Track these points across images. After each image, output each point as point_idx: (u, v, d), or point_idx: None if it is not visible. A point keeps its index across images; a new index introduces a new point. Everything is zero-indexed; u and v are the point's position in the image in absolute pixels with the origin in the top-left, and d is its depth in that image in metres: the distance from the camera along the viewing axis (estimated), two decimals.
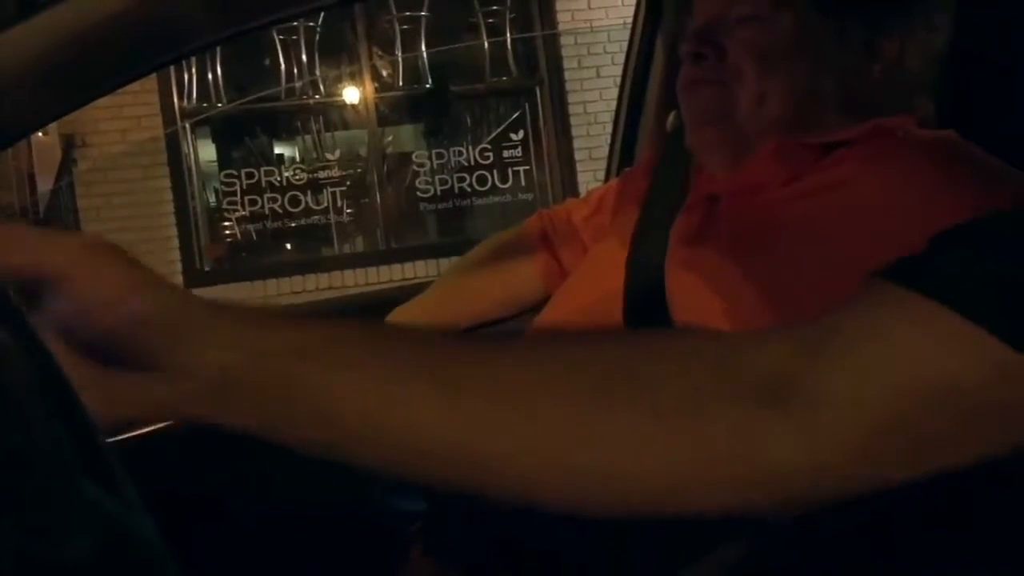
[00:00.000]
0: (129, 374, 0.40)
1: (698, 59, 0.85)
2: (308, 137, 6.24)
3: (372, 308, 1.18)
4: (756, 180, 0.82)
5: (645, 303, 0.82)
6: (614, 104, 1.74)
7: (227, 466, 1.38)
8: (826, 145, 0.80)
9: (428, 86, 6.23)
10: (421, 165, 6.23)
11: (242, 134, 6.16)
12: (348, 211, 6.15)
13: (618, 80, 1.73)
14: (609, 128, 1.76)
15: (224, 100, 5.99)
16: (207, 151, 6.21)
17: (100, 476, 0.22)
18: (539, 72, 6.27)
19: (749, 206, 0.81)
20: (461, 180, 6.21)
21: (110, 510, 0.21)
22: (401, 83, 6.23)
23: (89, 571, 0.20)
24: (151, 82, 5.54)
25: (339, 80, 6.21)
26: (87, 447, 0.23)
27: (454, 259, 1.28)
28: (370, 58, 6.13)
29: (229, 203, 6.07)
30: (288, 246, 6.22)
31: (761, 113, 0.82)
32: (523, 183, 6.27)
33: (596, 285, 0.89)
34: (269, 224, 6.08)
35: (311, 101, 6.19)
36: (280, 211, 6.06)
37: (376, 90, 6.17)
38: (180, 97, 5.91)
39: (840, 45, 0.82)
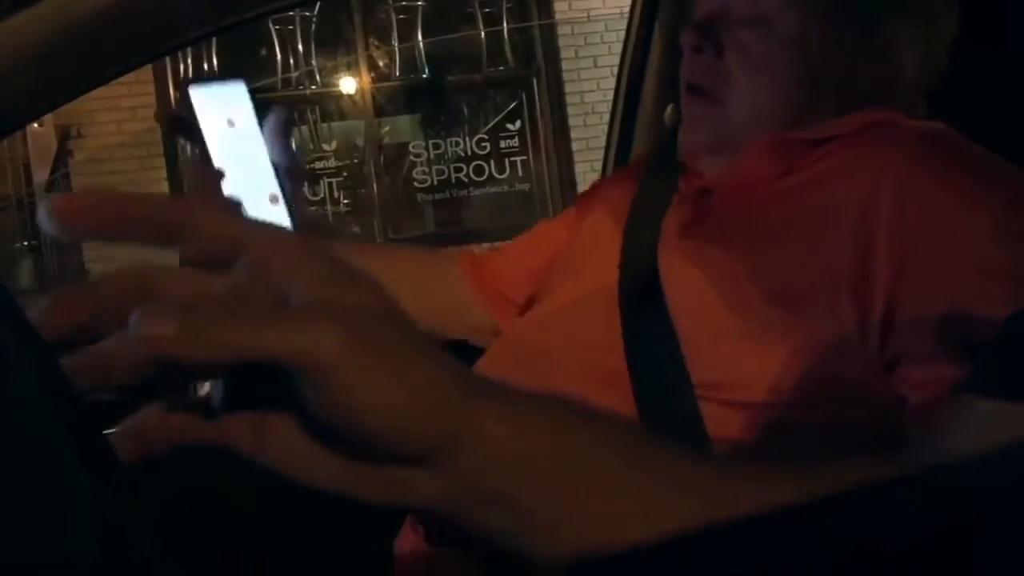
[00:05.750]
0: (383, 467, 0.34)
1: (696, 51, 0.85)
2: (305, 128, 6.22)
3: None
4: (749, 174, 0.82)
5: (639, 295, 0.82)
6: (611, 94, 1.73)
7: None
8: (819, 140, 0.80)
9: (425, 76, 6.22)
10: (418, 155, 6.22)
11: None
12: (345, 202, 6.15)
13: (615, 70, 1.73)
14: (606, 118, 1.76)
15: None
16: None
17: (100, 472, 0.22)
18: (536, 62, 6.26)
19: (742, 199, 0.81)
20: (458, 170, 6.20)
21: (109, 506, 0.21)
22: (398, 73, 6.22)
23: (89, 567, 0.20)
24: (147, 73, 5.53)
25: (336, 70, 6.20)
26: (86, 443, 0.23)
27: (451, 249, 1.27)
28: (367, 48, 6.12)
29: None
30: None
31: (754, 122, 0.83)
32: (520, 173, 6.26)
33: (590, 277, 0.89)
34: None
35: (307, 92, 6.17)
36: None
37: (373, 80, 6.16)
38: (176, 88, 5.90)
39: (837, 49, 0.82)
